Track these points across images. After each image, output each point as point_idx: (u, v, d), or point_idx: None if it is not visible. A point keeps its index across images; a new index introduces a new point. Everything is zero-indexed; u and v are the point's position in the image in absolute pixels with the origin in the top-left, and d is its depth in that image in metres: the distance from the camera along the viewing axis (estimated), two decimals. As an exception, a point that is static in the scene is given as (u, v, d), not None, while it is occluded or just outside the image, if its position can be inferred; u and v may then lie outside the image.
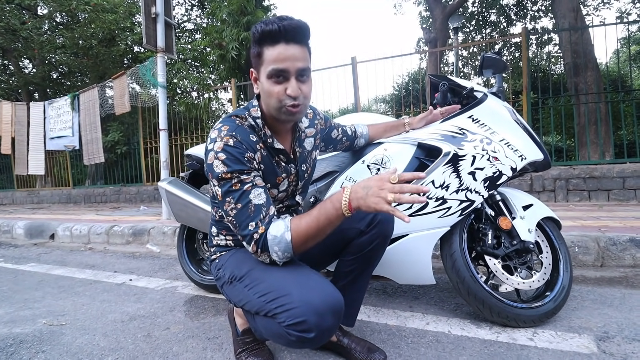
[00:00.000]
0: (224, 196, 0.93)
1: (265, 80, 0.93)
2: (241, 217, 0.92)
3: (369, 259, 1.14)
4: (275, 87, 0.92)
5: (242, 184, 0.92)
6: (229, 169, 0.91)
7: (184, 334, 1.41)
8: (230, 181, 0.92)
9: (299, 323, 0.84)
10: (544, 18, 12.26)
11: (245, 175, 0.92)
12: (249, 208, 0.92)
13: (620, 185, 3.62)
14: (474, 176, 1.32)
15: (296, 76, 0.92)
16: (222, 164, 0.91)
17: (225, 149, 0.91)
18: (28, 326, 1.55)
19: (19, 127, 6.42)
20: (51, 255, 3.15)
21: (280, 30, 0.88)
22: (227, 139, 0.92)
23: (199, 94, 6.29)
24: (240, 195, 0.92)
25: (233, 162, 0.91)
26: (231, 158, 0.91)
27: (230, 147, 0.92)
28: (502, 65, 1.50)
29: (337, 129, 1.35)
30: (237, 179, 0.92)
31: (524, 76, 4.18)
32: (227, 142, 0.92)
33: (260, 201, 0.93)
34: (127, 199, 6.58)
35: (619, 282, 1.79)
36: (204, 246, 2.02)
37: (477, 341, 1.23)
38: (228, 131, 0.94)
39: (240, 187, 0.92)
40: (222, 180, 0.92)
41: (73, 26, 6.73)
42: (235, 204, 0.92)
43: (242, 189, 0.92)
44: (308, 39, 0.95)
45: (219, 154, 0.91)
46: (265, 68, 0.92)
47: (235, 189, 0.92)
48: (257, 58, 0.95)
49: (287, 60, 0.90)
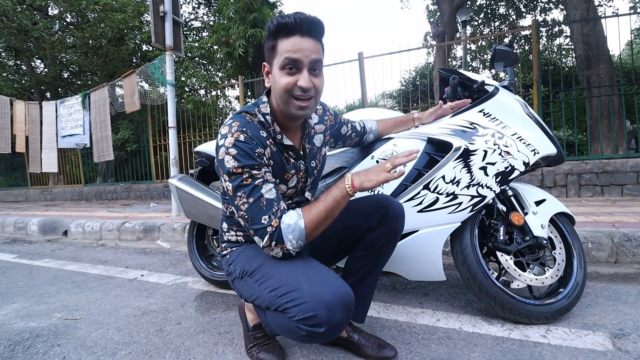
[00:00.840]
0: (235, 191, 0.94)
1: (278, 72, 0.93)
2: (253, 211, 0.93)
3: (379, 255, 1.14)
4: (287, 78, 0.92)
5: (253, 178, 0.93)
6: (240, 163, 0.91)
7: (195, 329, 1.42)
8: (241, 176, 0.92)
9: (310, 317, 0.84)
10: (554, 10, 12.01)
11: (256, 171, 0.93)
12: (261, 202, 0.92)
13: (634, 180, 3.54)
14: (485, 171, 1.30)
15: (309, 68, 0.93)
16: (233, 159, 0.92)
17: (236, 144, 0.92)
18: (43, 320, 1.59)
19: (32, 125, 6.53)
20: (64, 251, 3.21)
21: (296, 23, 0.89)
22: (237, 134, 0.93)
23: (206, 92, 6.32)
24: (251, 190, 0.92)
25: (244, 157, 0.92)
26: (242, 153, 0.92)
27: (241, 142, 0.92)
28: (513, 57, 1.48)
29: (347, 125, 1.34)
30: (248, 174, 0.92)
31: (535, 69, 4.10)
32: (238, 138, 0.93)
33: (272, 196, 0.94)
34: (137, 196, 6.67)
35: (633, 278, 1.75)
36: (213, 242, 2.04)
37: (489, 338, 1.22)
38: (239, 127, 0.95)
39: (251, 182, 0.92)
40: (233, 175, 0.93)
41: (83, 26, 6.79)
42: (247, 198, 0.93)
43: (253, 184, 0.92)
44: (322, 35, 0.96)
45: (229, 150, 0.92)
46: (278, 59, 0.93)
47: (247, 184, 0.92)
48: (270, 51, 0.95)
49: (301, 51, 0.90)
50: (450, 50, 13.45)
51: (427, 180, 1.31)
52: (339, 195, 0.95)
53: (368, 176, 0.95)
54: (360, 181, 0.95)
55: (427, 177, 1.32)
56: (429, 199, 1.31)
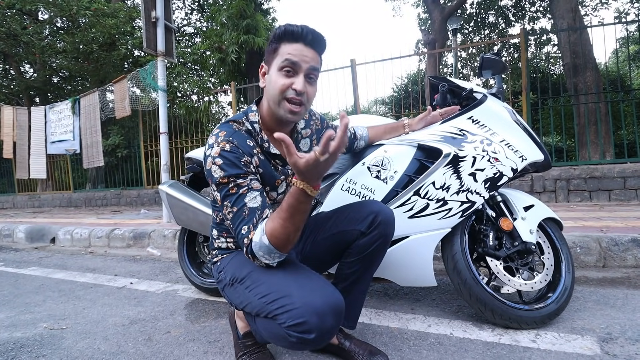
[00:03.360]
0: (222, 200, 0.95)
1: (275, 72, 0.96)
2: (236, 221, 0.93)
3: (370, 261, 1.14)
4: (283, 79, 0.94)
5: (238, 187, 0.93)
6: (225, 173, 0.92)
7: (184, 338, 1.40)
8: (227, 185, 0.93)
9: (300, 324, 0.84)
10: (542, 19, 12.31)
11: (241, 179, 0.94)
12: (243, 212, 0.92)
13: (621, 185, 3.61)
14: (474, 177, 1.32)
15: (305, 74, 0.95)
16: (219, 169, 0.93)
17: (221, 154, 0.93)
18: (29, 330, 1.55)
19: (20, 131, 6.43)
20: (52, 259, 3.15)
21: (302, 32, 0.93)
22: (223, 144, 0.94)
23: (199, 97, 6.31)
24: (236, 199, 0.93)
25: (229, 166, 0.93)
26: (228, 163, 0.93)
27: (227, 152, 0.94)
28: (501, 66, 1.50)
29: (335, 130, 1.35)
30: (233, 183, 0.93)
31: (523, 77, 4.18)
32: (224, 147, 0.94)
33: (255, 204, 0.93)
34: (127, 202, 6.59)
35: (621, 282, 1.78)
36: (204, 249, 2.02)
37: (480, 343, 1.23)
38: (225, 136, 0.96)
39: (236, 190, 0.93)
40: (220, 185, 0.94)
41: (74, 31, 6.75)
42: (231, 207, 0.94)
43: (238, 193, 0.93)
44: (323, 50, 1.00)
45: (216, 159, 0.93)
46: (278, 59, 0.95)
47: (232, 193, 0.93)
48: (272, 52, 0.97)
49: (302, 56, 0.94)
50: (441, 57, 13.66)
51: (417, 186, 1.32)
52: (292, 199, 0.84)
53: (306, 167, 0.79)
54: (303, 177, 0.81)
55: (418, 183, 1.33)
56: (420, 205, 1.32)
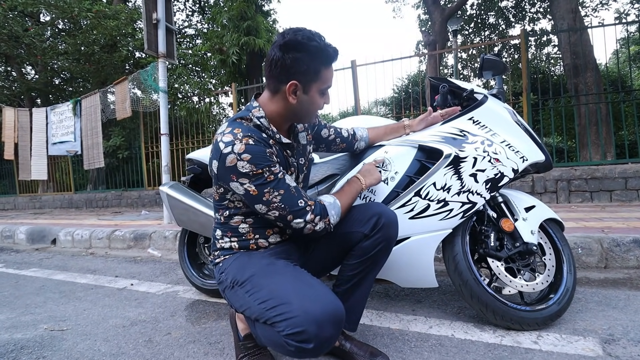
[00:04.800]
0: (259, 189, 0.98)
1: (317, 95, 1.05)
2: (289, 199, 1.01)
3: (373, 263, 1.13)
4: (321, 100, 1.08)
5: (274, 175, 0.99)
6: (258, 165, 0.96)
7: (185, 339, 1.40)
8: (262, 175, 0.97)
9: (298, 333, 0.83)
10: (542, 20, 12.31)
11: (274, 167, 0.99)
12: (291, 190, 1.02)
13: (622, 186, 3.60)
14: (475, 178, 1.31)
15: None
16: (248, 164, 0.95)
17: (247, 149, 0.95)
18: (29, 332, 1.55)
19: (21, 132, 6.44)
20: (53, 260, 3.15)
21: (335, 56, 1.03)
22: (246, 139, 0.96)
23: (200, 99, 6.31)
24: (277, 183, 0.99)
25: (260, 159, 0.96)
26: (257, 156, 0.96)
27: (252, 145, 0.96)
28: (501, 66, 1.50)
29: (328, 129, 1.38)
30: (268, 172, 0.98)
31: (524, 78, 4.18)
32: (248, 142, 0.96)
33: (295, 184, 1.05)
34: (128, 203, 6.59)
35: (623, 283, 1.77)
36: (205, 250, 2.01)
37: (481, 345, 1.22)
38: (243, 132, 0.98)
39: (274, 177, 0.99)
40: (254, 177, 0.96)
41: (75, 32, 6.76)
42: (277, 191, 0.99)
43: (277, 178, 0.99)
44: None
45: (242, 155, 0.95)
46: (320, 84, 1.04)
47: (271, 180, 0.98)
48: (312, 74, 1.00)
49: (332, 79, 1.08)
50: (442, 58, 13.66)
51: (418, 187, 1.32)
52: (356, 189, 1.17)
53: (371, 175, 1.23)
54: (364, 178, 1.20)
55: (419, 184, 1.32)
56: (421, 206, 1.32)
